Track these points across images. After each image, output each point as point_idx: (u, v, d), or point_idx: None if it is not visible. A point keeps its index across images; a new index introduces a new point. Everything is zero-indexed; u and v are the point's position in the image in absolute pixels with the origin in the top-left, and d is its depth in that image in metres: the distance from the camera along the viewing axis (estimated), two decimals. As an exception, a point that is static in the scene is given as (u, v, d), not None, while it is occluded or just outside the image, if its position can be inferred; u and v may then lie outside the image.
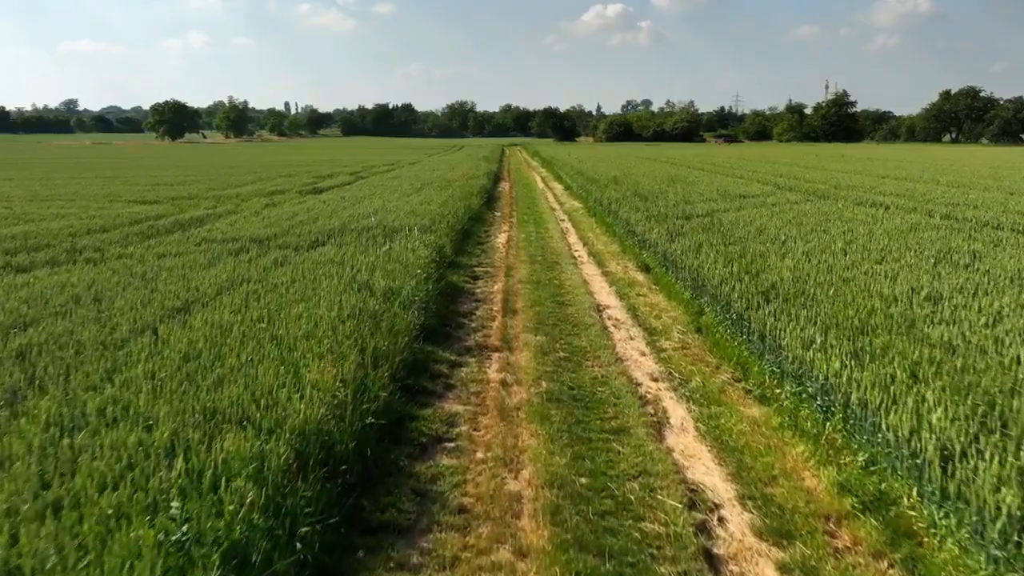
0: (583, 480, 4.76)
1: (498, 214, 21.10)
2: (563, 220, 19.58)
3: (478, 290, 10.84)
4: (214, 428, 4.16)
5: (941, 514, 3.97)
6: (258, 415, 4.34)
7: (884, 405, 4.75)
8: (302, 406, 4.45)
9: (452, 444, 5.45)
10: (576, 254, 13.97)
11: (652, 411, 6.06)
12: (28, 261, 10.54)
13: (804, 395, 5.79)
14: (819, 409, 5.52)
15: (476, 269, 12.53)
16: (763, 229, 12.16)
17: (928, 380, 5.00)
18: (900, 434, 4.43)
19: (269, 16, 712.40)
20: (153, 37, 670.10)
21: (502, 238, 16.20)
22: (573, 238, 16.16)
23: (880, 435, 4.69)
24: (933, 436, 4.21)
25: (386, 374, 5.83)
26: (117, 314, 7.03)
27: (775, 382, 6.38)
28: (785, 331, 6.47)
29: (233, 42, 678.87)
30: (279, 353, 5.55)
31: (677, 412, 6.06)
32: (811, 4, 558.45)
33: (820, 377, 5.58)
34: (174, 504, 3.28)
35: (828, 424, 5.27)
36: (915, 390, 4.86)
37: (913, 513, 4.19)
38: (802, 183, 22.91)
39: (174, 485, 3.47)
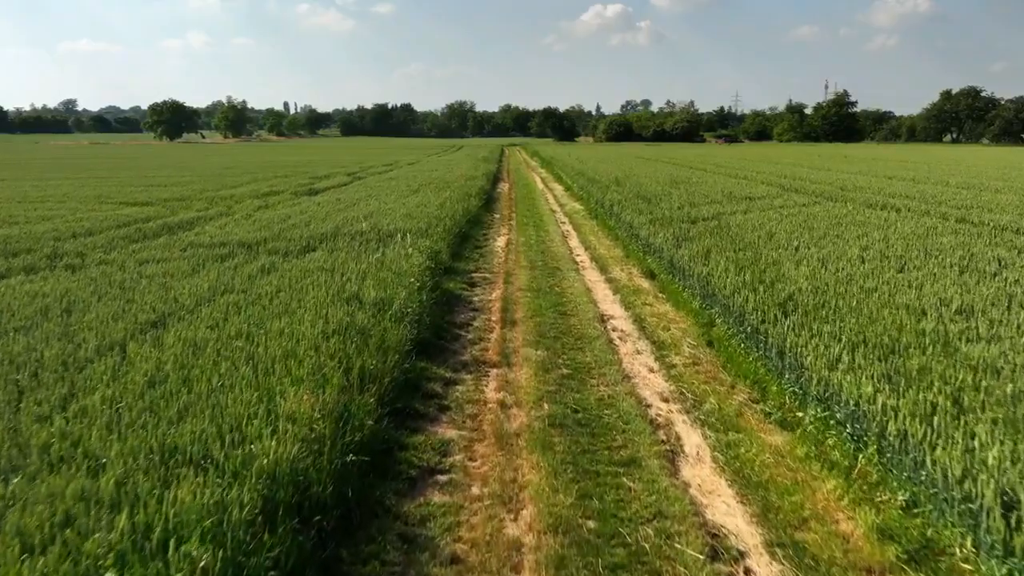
0: (591, 524, 4.24)
1: (497, 216, 20.59)
2: (564, 222, 19.07)
3: (475, 298, 10.32)
4: (170, 472, 3.64)
5: (1003, 571, 3.46)
6: (222, 455, 3.82)
7: (928, 439, 4.24)
8: (273, 444, 3.92)
9: (445, 477, 4.93)
10: (578, 259, 13.45)
11: (664, 437, 5.55)
12: (5, 267, 10.04)
13: (831, 421, 5.28)
14: (849, 438, 5.00)
15: (474, 275, 12.01)
16: (773, 234, 11.64)
17: (975, 410, 4.48)
18: (950, 475, 3.92)
19: (268, 16, 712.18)
20: (153, 37, 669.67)
21: (501, 242, 15.69)
22: (574, 242, 15.65)
23: (924, 473, 4.18)
24: (992, 480, 3.70)
25: (372, 399, 5.31)
26: (85, 329, 6.51)
27: (796, 404, 5.88)
28: (807, 348, 5.97)
29: (233, 42, 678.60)
30: (254, 377, 5.03)
31: (691, 439, 5.54)
32: (811, 4, 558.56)
33: (850, 402, 5.06)
34: (109, 576, 2.76)
35: (861, 456, 4.76)
36: (962, 421, 4.35)
37: (968, 567, 3.67)
38: (808, 184, 22.39)
39: (114, 548, 2.95)
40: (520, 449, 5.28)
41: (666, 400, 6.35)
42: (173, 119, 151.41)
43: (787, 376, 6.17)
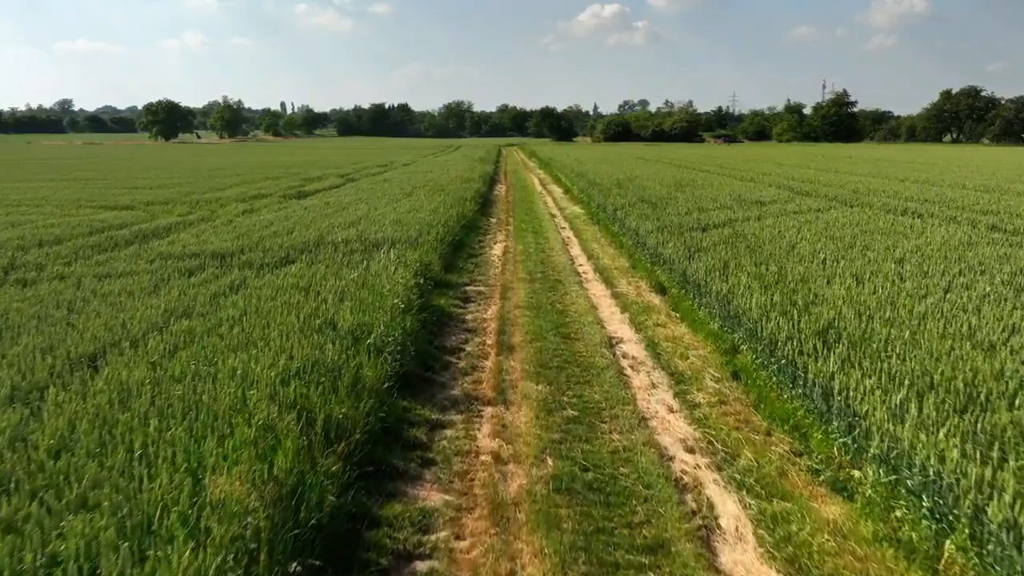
0: (612, 649, 3.25)
1: (494, 220, 19.60)
2: (564, 228, 18.08)
3: (469, 316, 9.32)
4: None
5: None
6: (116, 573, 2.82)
7: (1051, 535, 3.26)
8: (188, 554, 2.92)
9: (425, 566, 3.94)
10: (581, 270, 12.46)
11: (695, 506, 4.56)
12: (-49, 283, 9.05)
13: (900, 488, 4.30)
14: (928, 515, 4.02)
15: (467, 288, 11.01)
16: (795, 244, 10.66)
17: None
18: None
19: (266, 16, 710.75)
20: (151, 37, 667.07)
21: (498, 250, 14.69)
22: (576, 250, 14.66)
23: (1047, 581, 3.20)
24: None
25: (338, 464, 4.32)
26: (6, 366, 5.51)
27: (849, 459, 4.90)
28: (859, 391, 5.00)
29: (230, 42, 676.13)
30: (186, 441, 4.03)
31: (727, 507, 4.56)
32: (808, 4, 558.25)
33: (927, 468, 4.08)
34: None
35: (948, 542, 3.78)
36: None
37: None
38: (818, 187, 21.42)
39: None
40: (519, 525, 4.28)
41: (692, 451, 5.35)
42: (168, 119, 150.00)
43: (835, 423, 5.20)
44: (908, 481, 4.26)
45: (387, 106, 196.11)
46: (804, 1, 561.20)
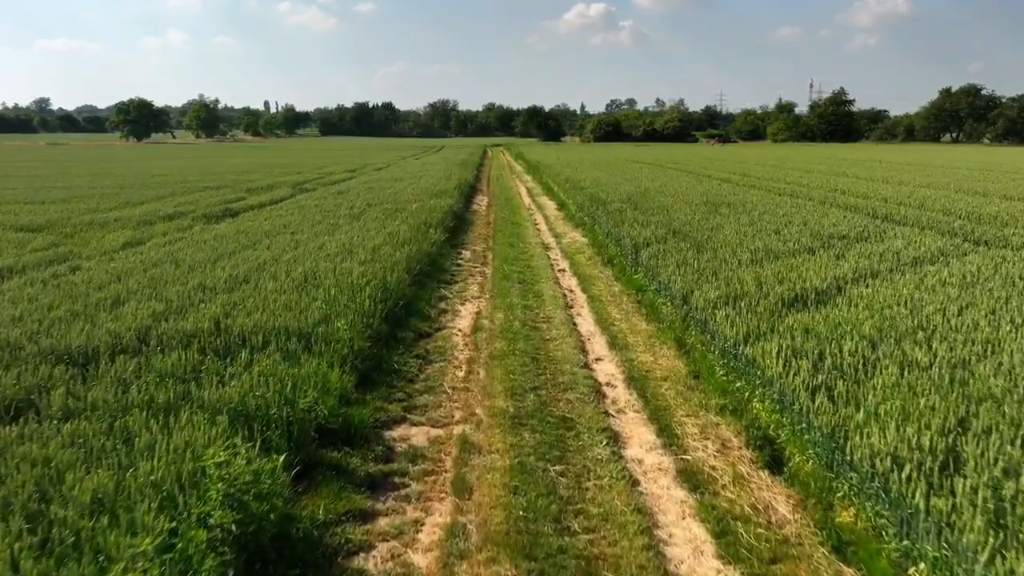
0: None
1: (467, 255, 14.38)
2: (563, 271, 12.85)
3: (372, 559, 4.11)
4: None
5: None
6: None
7: None
8: None
9: None
10: (603, 376, 7.24)
11: None
12: None
13: None
14: None
15: (394, 437, 5.79)
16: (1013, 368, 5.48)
17: None
18: None
19: (249, 14, 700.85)
20: (132, 35, 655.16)
21: (465, 320, 9.47)
22: (587, 322, 9.41)
23: None
24: None
25: None
26: None
27: None
28: None
29: (213, 41, 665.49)
30: None
31: None
32: (792, 4, 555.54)
33: None
34: None
35: None
36: None
37: None
38: (895, 208, 16.24)
39: None
40: None
41: None
42: (141, 119, 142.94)
43: None
44: None
45: (371, 105, 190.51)
46: (787, 1, 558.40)
